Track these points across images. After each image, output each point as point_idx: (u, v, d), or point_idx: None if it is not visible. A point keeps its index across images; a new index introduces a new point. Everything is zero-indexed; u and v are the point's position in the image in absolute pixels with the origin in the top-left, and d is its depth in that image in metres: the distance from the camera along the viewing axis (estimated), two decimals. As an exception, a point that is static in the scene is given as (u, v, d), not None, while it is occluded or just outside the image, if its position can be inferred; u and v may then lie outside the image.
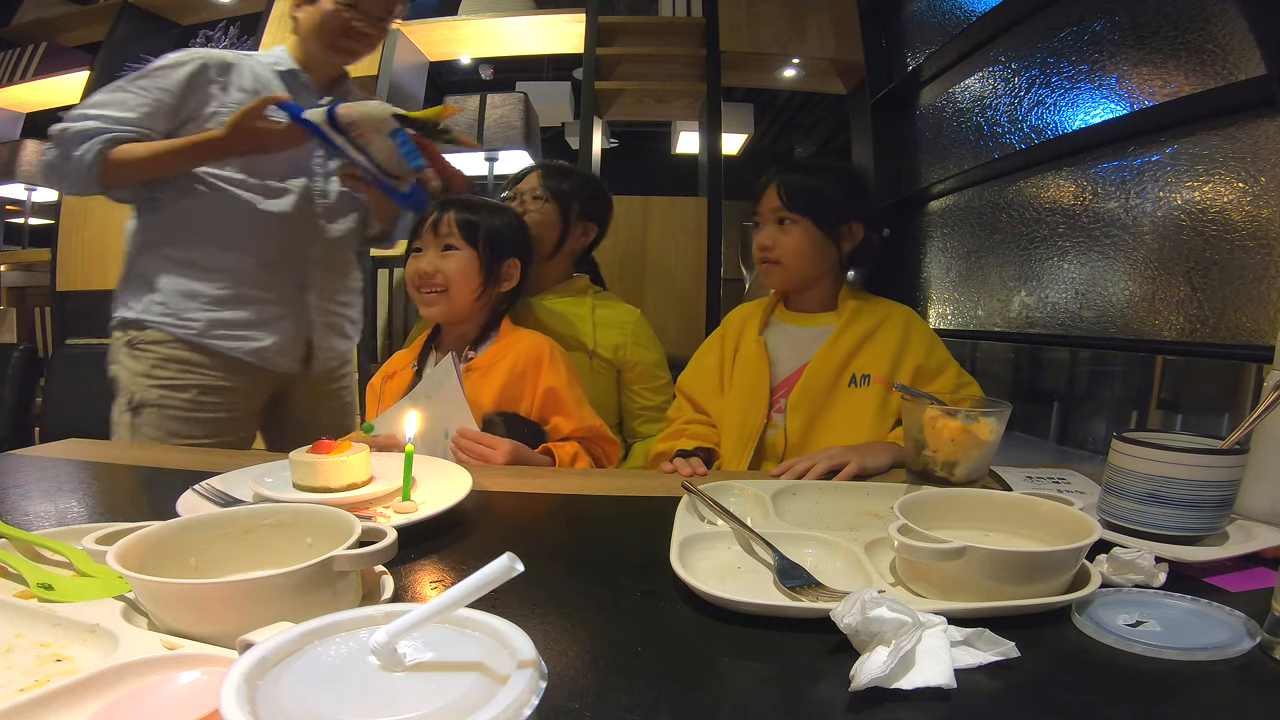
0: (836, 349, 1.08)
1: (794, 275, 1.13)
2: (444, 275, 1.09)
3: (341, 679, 0.32)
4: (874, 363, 1.07)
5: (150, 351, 1.25)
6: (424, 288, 1.10)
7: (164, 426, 1.25)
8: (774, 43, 2.51)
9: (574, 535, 0.73)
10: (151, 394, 1.25)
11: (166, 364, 1.25)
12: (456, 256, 1.10)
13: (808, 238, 1.11)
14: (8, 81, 2.93)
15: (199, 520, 0.52)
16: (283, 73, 1.31)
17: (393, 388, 1.13)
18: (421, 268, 1.10)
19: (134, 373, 1.26)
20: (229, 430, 1.30)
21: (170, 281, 1.26)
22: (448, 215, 1.11)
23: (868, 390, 1.06)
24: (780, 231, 1.12)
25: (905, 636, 0.41)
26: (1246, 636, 0.46)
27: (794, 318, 1.17)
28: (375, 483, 0.75)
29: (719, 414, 1.14)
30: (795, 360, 1.11)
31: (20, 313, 3.14)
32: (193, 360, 1.26)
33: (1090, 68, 1.44)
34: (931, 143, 2.13)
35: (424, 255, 1.11)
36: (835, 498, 0.78)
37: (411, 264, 1.12)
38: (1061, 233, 1.51)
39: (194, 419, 1.26)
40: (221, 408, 1.29)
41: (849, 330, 1.09)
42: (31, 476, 0.85)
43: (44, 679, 0.40)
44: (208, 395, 1.27)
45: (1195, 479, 0.60)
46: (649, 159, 5.97)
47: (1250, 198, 1.09)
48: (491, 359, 1.09)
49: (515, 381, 1.07)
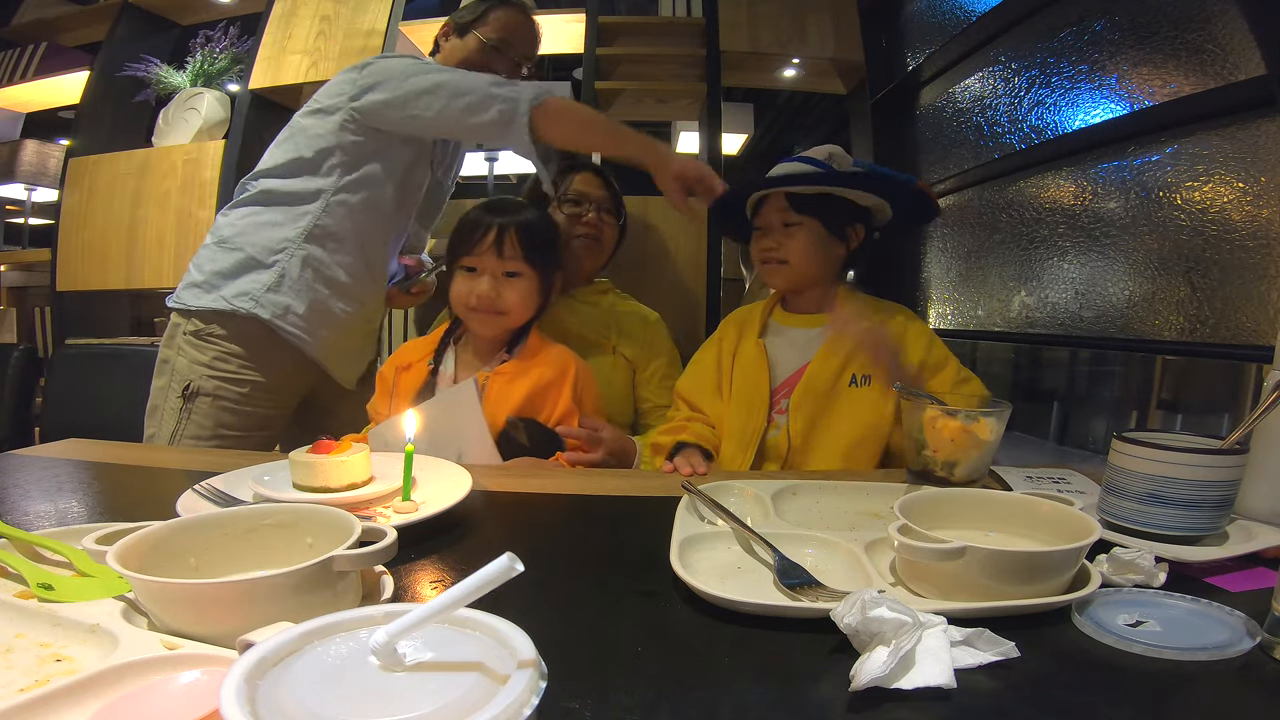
0: (836, 349, 1.08)
1: (801, 275, 1.12)
2: (506, 302, 1.05)
3: (341, 679, 0.32)
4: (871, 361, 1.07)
5: (215, 345, 1.28)
6: (482, 310, 1.05)
7: (215, 416, 1.28)
8: (774, 43, 2.51)
9: (574, 535, 0.73)
10: (209, 384, 1.28)
11: (229, 358, 1.28)
12: (521, 284, 1.06)
13: (815, 238, 1.10)
14: (8, 81, 2.93)
15: (199, 520, 0.52)
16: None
17: (407, 381, 1.10)
18: (482, 291, 1.04)
19: (195, 361, 1.28)
20: (270, 425, 1.35)
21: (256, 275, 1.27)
22: (509, 235, 1.05)
23: (869, 390, 1.06)
24: (786, 234, 1.11)
25: (905, 636, 0.41)
26: (1246, 636, 0.46)
27: (792, 319, 1.16)
28: (375, 483, 0.75)
29: (718, 417, 1.14)
30: (795, 361, 1.11)
31: (20, 313, 3.14)
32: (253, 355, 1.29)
33: (1090, 68, 1.44)
34: (931, 143, 2.13)
35: (482, 277, 1.05)
36: (835, 498, 0.78)
37: (465, 283, 1.06)
38: (1061, 233, 1.51)
39: (243, 412, 1.30)
40: (268, 404, 1.32)
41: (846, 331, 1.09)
42: (31, 476, 0.85)
43: (44, 679, 0.40)
44: (260, 392, 1.30)
45: (1195, 479, 0.60)
46: (649, 159, 5.94)
47: (1250, 198, 1.09)
48: (518, 368, 1.08)
49: (540, 393, 1.06)
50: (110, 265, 2.59)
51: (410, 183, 1.36)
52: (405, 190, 1.36)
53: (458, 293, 1.07)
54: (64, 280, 2.67)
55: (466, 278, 1.07)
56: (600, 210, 1.32)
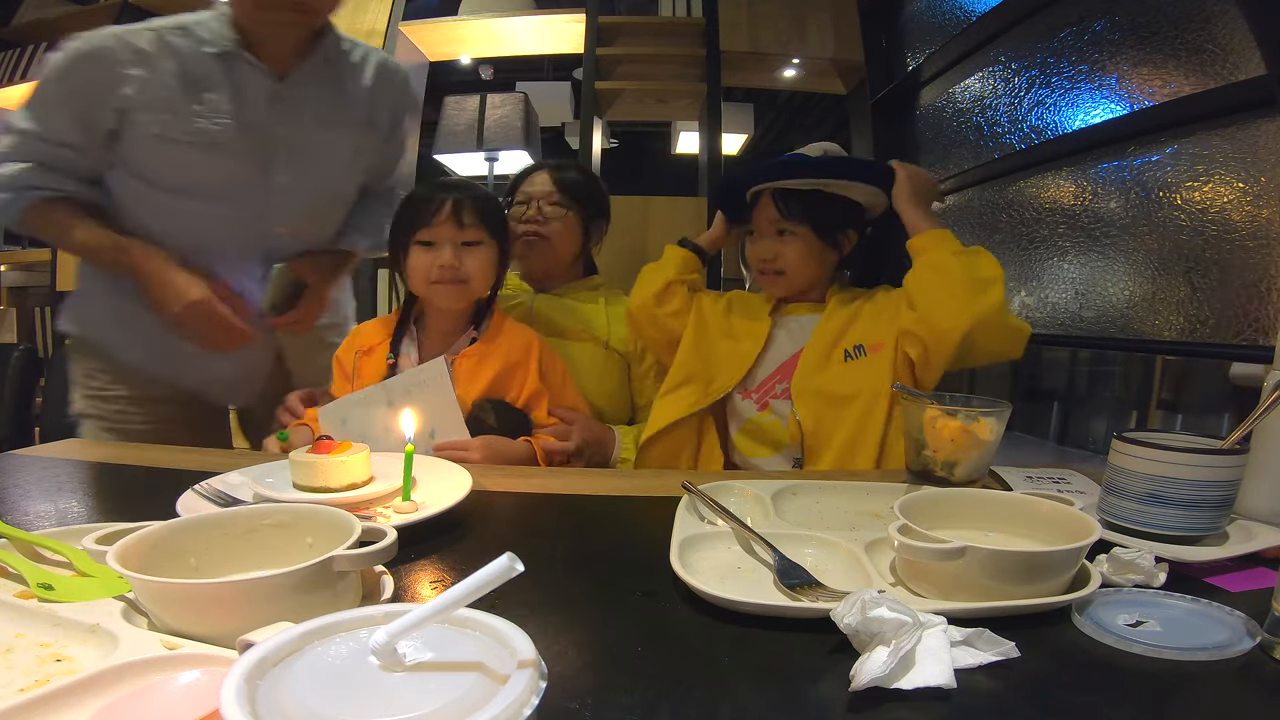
0: (825, 332, 1.09)
1: (798, 284, 1.14)
2: (466, 270, 1.05)
3: (341, 679, 0.32)
4: (866, 332, 1.08)
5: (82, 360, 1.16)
6: (445, 281, 1.05)
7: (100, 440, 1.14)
8: (774, 43, 2.51)
9: (574, 535, 0.73)
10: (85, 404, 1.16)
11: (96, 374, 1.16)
12: (481, 252, 1.06)
13: (808, 246, 1.11)
14: (8, 81, 2.93)
15: (199, 520, 0.52)
16: (218, 54, 1.05)
17: (369, 365, 1.08)
18: (445, 260, 1.03)
19: (71, 382, 1.17)
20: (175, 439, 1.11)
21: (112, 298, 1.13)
22: (466, 206, 1.05)
23: (865, 360, 1.06)
24: (780, 243, 1.12)
25: (905, 636, 0.41)
26: (1246, 636, 0.46)
27: (789, 309, 1.18)
28: (375, 483, 0.75)
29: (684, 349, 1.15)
30: (789, 348, 1.12)
31: (20, 313, 3.14)
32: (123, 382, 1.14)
33: (1090, 68, 1.44)
34: (931, 143, 2.13)
35: (443, 248, 1.05)
36: (835, 498, 0.78)
37: (424, 257, 1.05)
38: (1061, 233, 1.52)
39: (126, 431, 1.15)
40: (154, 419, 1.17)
41: (835, 315, 1.10)
42: (31, 476, 0.85)
43: (44, 679, 0.40)
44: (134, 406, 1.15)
45: (1195, 479, 0.60)
46: (649, 159, 5.96)
47: (1250, 198, 1.09)
48: (484, 349, 1.08)
49: (508, 371, 1.07)
50: (110, 265, 2.58)
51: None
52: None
53: (415, 268, 1.06)
54: (64, 280, 2.68)
55: (424, 252, 1.06)
56: (544, 205, 1.29)
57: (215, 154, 1.05)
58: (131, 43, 1.01)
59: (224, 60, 1.05)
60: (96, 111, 1.02)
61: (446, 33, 2.70)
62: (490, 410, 1.03)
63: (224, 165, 1.07)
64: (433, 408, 1.00)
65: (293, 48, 1.09)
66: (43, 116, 1.03)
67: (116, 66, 1.00)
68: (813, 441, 1.05)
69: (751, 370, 1.12)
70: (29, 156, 1.03)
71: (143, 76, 1.01)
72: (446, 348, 1.09)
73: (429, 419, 1.00)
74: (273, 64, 1.07)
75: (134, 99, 1.01)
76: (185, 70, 1.03)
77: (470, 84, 4.48)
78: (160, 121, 1.02)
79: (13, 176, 1.03)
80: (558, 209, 1.30)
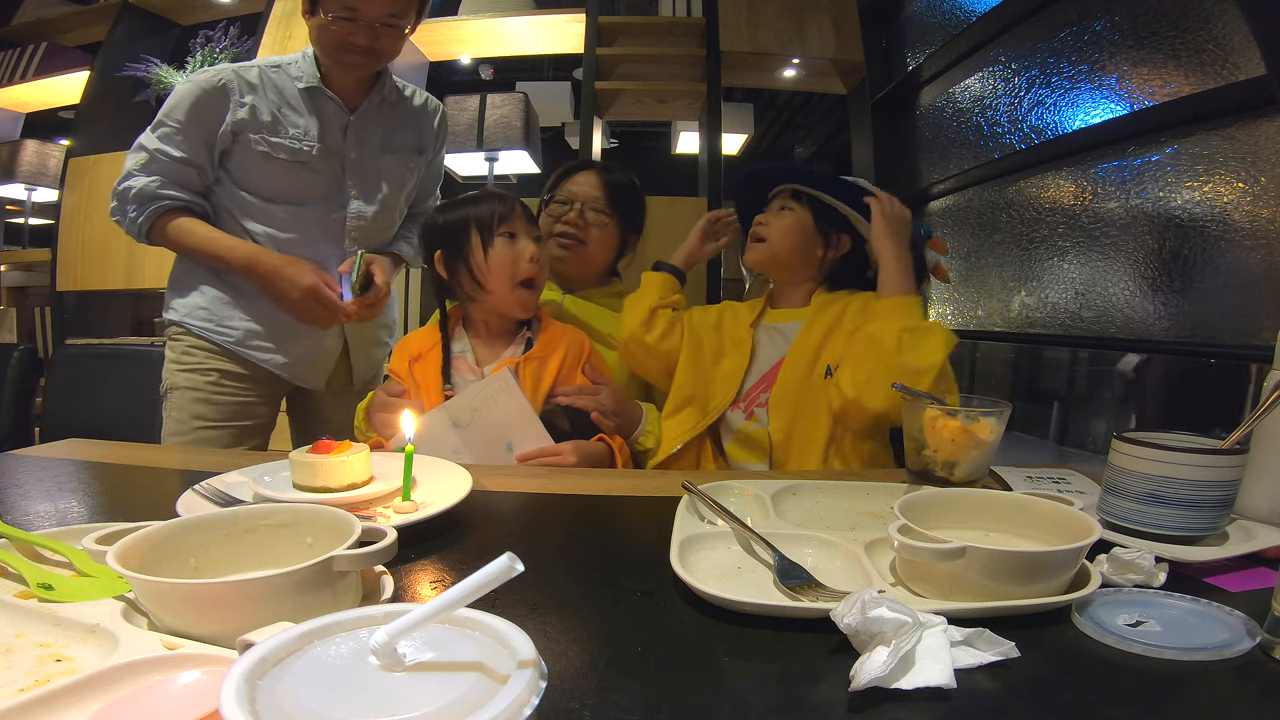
0: (806, 344, 1.10)
1: (776, 256, 1.15)
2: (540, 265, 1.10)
3: (341, 679, 0.32)
4: (842, 350, 1.07)
5: (181, 341, 1.31)
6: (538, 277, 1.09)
7: (189, 409, 1.29)
8: (774, 43, 2.51)
9: (574, 535, 0.73)
10: (180, 378, 1.30)
11: (194, 350, 1.30)
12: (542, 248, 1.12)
13: (799, 225, 1.13)
14: (8, 81, 2.93)
15: (199, 520, 0.52)
16: (306, 89, 1.27)
17: (424, 371, 1.10)
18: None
19: (170, 361, 1.32)
20: (250, 415, 1.33)
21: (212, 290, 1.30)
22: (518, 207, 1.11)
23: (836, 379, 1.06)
24: (777, 215, 1.15)
25: (905, 636, 0.41)
26: (1246, 636, 0.46)
27: (775, 315, 1.19)
28: (375, 483, 0.75)
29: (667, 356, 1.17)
30: (773, 356, 1.13)
31: (20, 313, 3.14)
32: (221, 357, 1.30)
33: (1090, 68, 1.44)
34: (931, 143, 2.13)
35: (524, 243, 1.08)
36: (835, 498, 0.78)
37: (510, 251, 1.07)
38: (1061, 233, 1.52)
39: (216, 401, 1.30)
40: (243, 392, 1.32)
41: (815, 323, 1.11)
42: (31, 476, 0.85)
43: (44, 679, 0.40)
44: (229, 379, 1.31)
45: (1195, 479, 0.60)
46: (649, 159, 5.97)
47: (1250, 198, 1.09)
48: (546, 349, 1.10)
49: (567, 372, 1.09)
50: (110, 265, 2.59)
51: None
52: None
53: (501, 260, 1.07)
54: (64, 280, 2.68)
55: (511, 245, 1.08)
56: (587, 209, 1.29)
57: (304, 170, 1.27)
58: (244, 76, 1.25)
59: (310, 94, 1.27)
60: (217, 132, 1.24)
61: (446, 32, 2.70)
62: (563, 414, 1.05)
63: (310, 179, 1.28)
64: (506, 420, 0.99)
65: (361, 85, 1.31)
66: (170, 137, 1.23)
67: (233, 95, 1.23)
68: (781, 454, 1.08)
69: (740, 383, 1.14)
70: (158, 173, 1.23)
71: (252, 104, 1.24)
72: (500, 349, 1.11)
73: (501, 432, 1.00)
74: (346, 98, 1.29)
75: (246, 122, 1.24)
76: (283, 100, 1.26)
77: (470, 84, 4.48)
78: (265, 141, 1.24)
79: (146, 189, 1.23)
80: (601, 216, 1.29)
